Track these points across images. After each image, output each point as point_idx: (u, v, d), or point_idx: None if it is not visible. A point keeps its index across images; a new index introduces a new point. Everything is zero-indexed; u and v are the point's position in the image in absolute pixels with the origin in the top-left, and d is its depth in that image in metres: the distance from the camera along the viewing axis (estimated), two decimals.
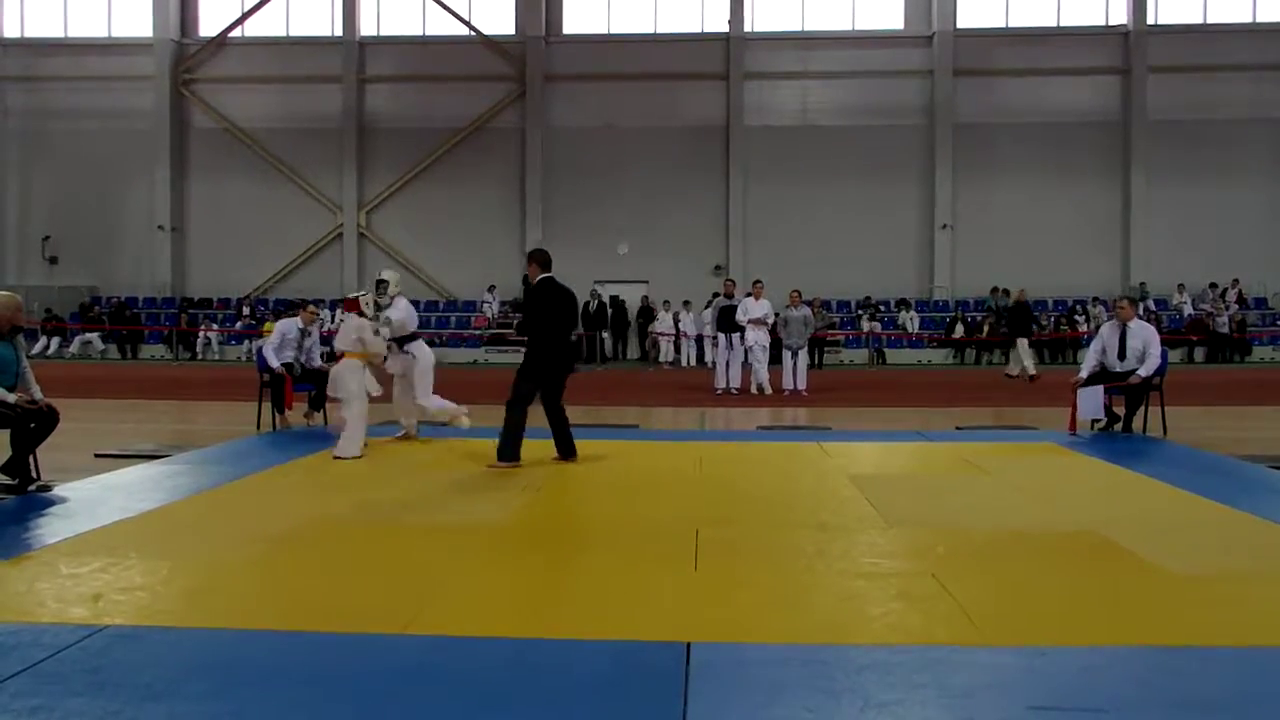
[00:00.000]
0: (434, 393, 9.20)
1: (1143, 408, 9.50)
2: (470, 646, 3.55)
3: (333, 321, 24.75)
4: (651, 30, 27.22)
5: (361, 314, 8.47)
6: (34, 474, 6.59)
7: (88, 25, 28.32)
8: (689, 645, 3.45)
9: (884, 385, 18.21)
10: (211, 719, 2.88)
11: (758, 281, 15.53)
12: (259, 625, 3.74)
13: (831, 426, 10.67)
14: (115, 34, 28.23)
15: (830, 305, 25.72)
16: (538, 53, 27.06)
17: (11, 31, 28.54)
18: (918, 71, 26.72)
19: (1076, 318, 25.25)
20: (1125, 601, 4.15)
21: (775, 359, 15.50)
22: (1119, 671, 3.30)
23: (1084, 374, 9.69)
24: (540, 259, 7.87)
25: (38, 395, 6.56)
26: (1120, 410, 9.64)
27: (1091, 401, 9.37)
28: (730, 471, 7.59)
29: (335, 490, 6.76)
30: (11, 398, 6.31)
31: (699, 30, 27.18)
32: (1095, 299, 25.39)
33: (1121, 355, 9.51)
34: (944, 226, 26.57)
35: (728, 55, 26.71)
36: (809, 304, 16.85)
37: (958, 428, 10.46)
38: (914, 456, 8.49)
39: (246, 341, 24.94)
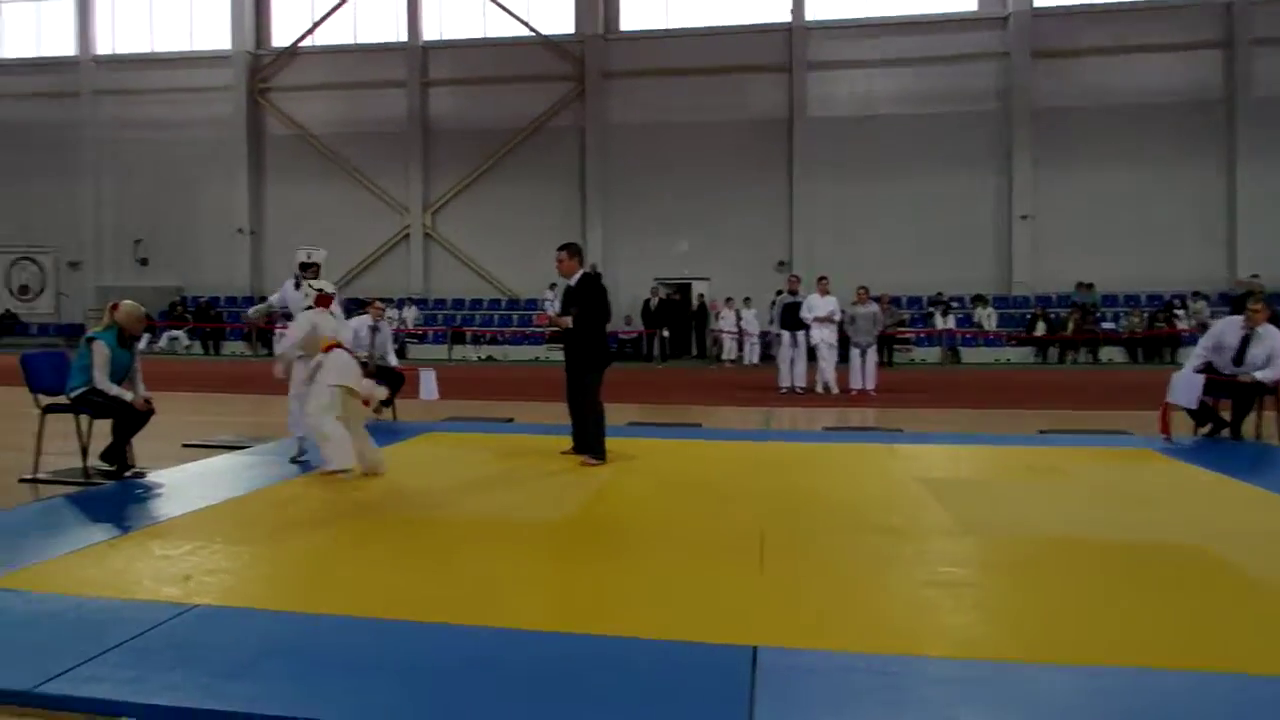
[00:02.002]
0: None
1: (1254, 413, 8.12)
2: (535, 640, 3.46)
3: (398, 319, 24.21)
4: (711, 23, 25.85)
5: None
6: (129, 462, 6.90)
7: (172, 40, 28.69)
8: (755, 649, 3.31)
9: (959, 385, 16.76)
10: (289, 698, 2.94)
11: (823, 277, 14.55)
12: (333, 610, 3.76)
13: (903, 428, 9.85)
14: (197, 47, 28.52)
15: (900, 302, 23.82)
16: (596, 50, 26.03)
17: (104, 48, 29.11)
18: (992, 54, 24.46)
19: (1176, 313, 22.41)
20: (1229, 624, 3.65)
21: (843, 357, 14.52)
22: (1217, 697, 2.96)
23: (1190, 369, 8.34)
24: (581, 253, 7.69)
25: (141, 392, 6.87)
26: (1227, 414, 8.26)
27: (1187, 387, 7.76)
28: (795, 473, 7.15)
29: (404, 482, 6.73)
30: (128, 395, 6.69)
31: (760, 21, 25.64)
32: (1196, 293, 22.83)
33: (1239, 360, 8.12)
34: (1023, 218, 24.20)
35: (790, 46, 25.14)
36: (877, 300, 15.41)
37: (1041, 431, 9.48)
38: (992, 461, 7.79)
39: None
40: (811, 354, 14.43)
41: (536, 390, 14.69)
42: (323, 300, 7.17)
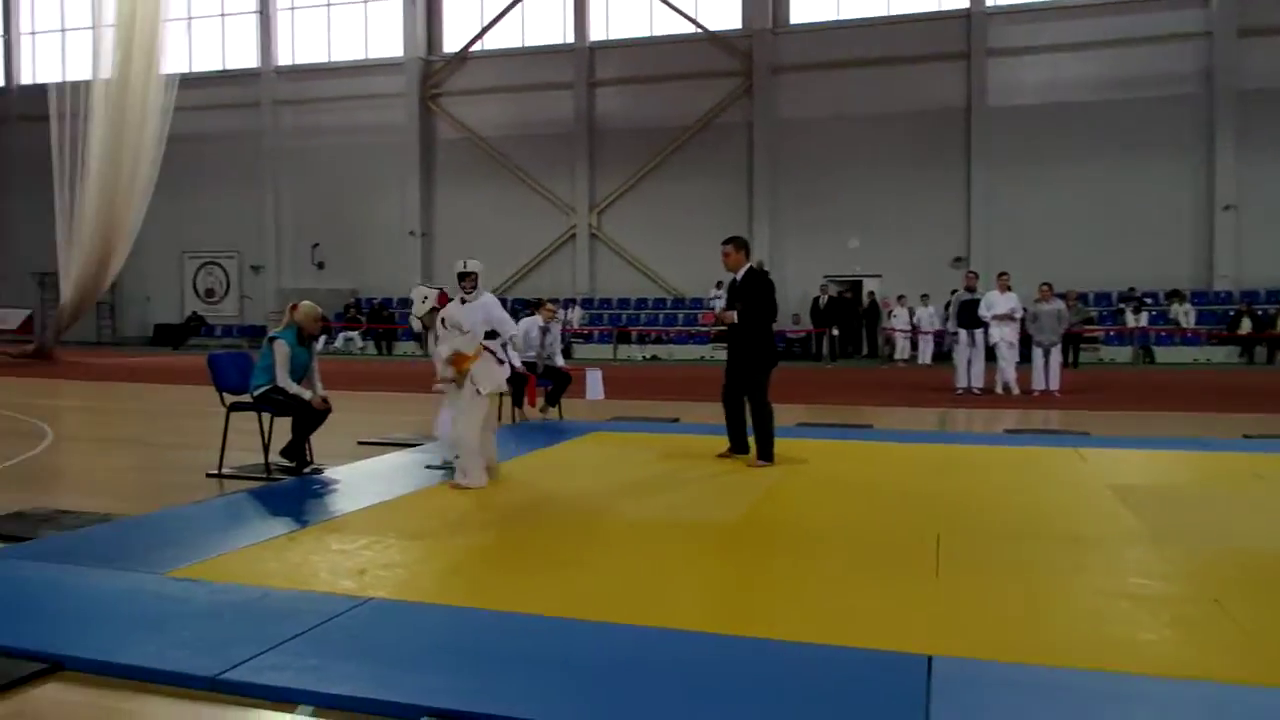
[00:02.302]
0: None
1: None
2: (702, 641, 3.51)
3: (564, 319, 25.07)
4: (885, 12, 25.75)
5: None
6: (308, 458, 7.31)
7: (347, 50, 30.48)
8: (930, 658, 3.24)
9: (1153, 386, 16.25)
10: (460, 692, 3.04)
11: (1003, 273, 14.32)
12: (502, 607, 3.89)
13: (1090, 431, 9.63)
14: (371, 55, 30.13)
15: (1087, 298, 23.20)
16: (765, 45, 26.34)
17: (284, 60, 31.14)
18: (1192, 34, 23.52)
19: None
20: None
21: (1024, 357, 14.30)
22: None
23: None
24: (747, 247, 7.63)
25: (319, 390, 7.25)
26: None
27: None
28: (974, 476, 7.03)
29: (570, 481, 6.97)
30: (307, 394, 7.09)
31: (936, 8, 25.36)
32: None
33: None
34: (1226, 208, 23.09)
35: (969, 33, 24.79)
36: (1062, 297, 15.19)
37: (1246, 436, 9.12)
38: (1190, 467, 7.47)
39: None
40: (990, 353, 14.25)
41: (702, 390, 14.80)
42: (441, 299, 7.13)
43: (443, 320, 6.85)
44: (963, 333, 14.30)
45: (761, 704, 2.95)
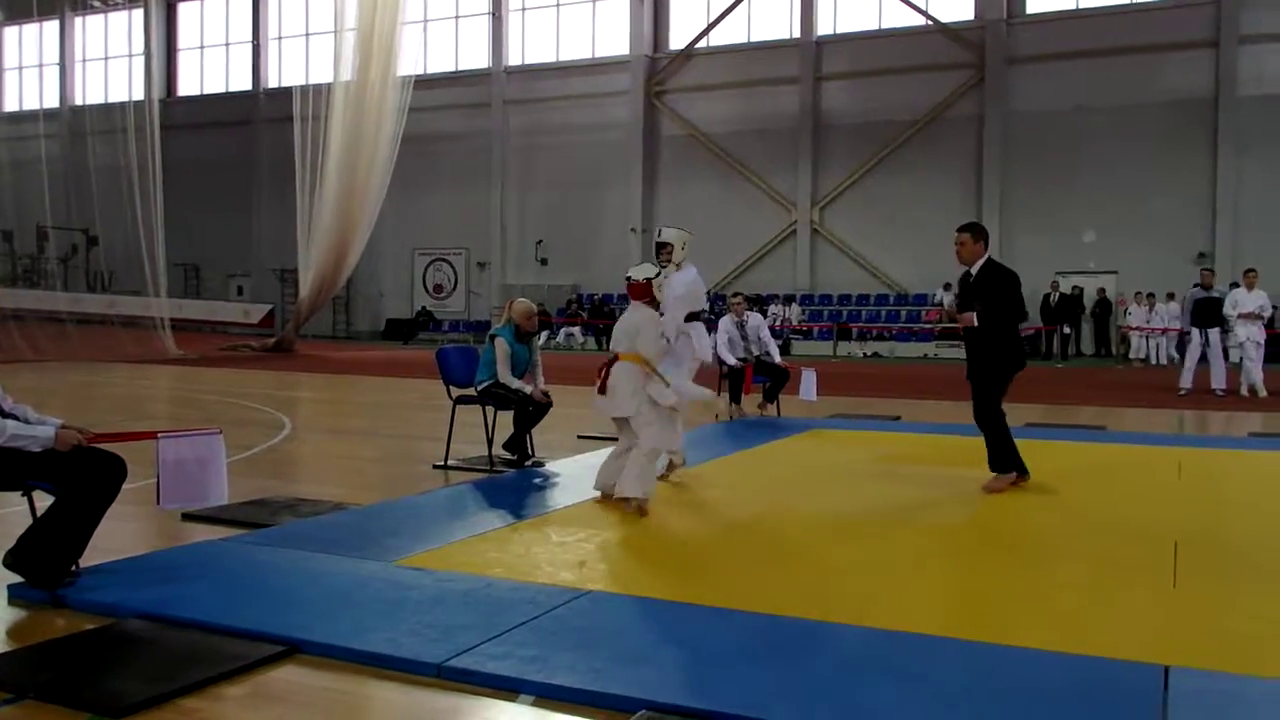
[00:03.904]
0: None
1: None
2: (926, 645, 3.81)
3: (781, 316, 28.51)
4: (1127, 0, 27.81)
5: (653, 301, 6.72)
6: (529, 451, 8.23)
7: (575, 49, 35.00)
8: (1166, 669, 3.47)
9: None
10: (679, 687, 3.34)
11: (1250, 270, 15.74)
12: (719, 603, 4.29)
13: None
14: (598, 54, 34.49)
15: None
16: (998, 36, 28.92)
17: (514, 60, 36.00)
18: None
19: None
20: None
21: (1273, 358, 15.68)
22: None
23: None
24: (986, 236, 7.27)
25: (541, 384, 8.22)
26: None
27: None
28: (1215, 481, 7.47)
29: (788, 477, 7.72)
30: (528, 388, 8.06)
31: None
32: None
33: None
34: None
35: (1218, 18, 26.61)
36: None
37: None
38: None
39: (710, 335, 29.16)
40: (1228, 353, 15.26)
41: (925, 388, 16.08)
42: (633, 290, 6.66)
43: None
44: (1195, 331, 15.39)
45: (991, 710, 3.16)
